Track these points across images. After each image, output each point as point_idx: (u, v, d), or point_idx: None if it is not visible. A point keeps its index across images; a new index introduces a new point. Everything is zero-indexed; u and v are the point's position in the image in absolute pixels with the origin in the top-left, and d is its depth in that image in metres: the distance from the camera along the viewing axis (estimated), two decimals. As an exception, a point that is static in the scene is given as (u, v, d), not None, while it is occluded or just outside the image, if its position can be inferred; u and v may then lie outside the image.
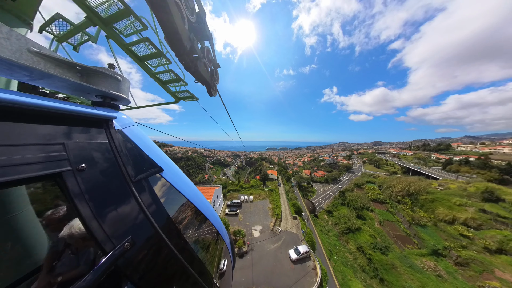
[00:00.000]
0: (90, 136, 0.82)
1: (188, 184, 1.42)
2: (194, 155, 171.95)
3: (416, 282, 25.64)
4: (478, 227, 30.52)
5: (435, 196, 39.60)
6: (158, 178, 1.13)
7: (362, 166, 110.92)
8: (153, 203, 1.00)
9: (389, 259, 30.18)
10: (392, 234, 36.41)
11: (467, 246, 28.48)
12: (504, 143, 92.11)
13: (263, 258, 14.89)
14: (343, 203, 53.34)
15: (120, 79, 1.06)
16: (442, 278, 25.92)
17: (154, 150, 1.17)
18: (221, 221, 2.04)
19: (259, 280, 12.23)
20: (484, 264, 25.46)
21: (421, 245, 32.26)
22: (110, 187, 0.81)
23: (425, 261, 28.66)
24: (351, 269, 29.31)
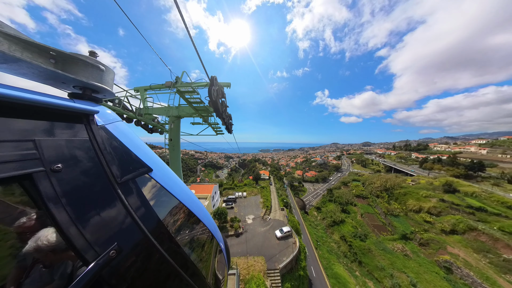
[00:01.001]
0: (67, 133, 0.74)
1: (179, 185, 1.34)
2: (185, 157, 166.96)
3: (386, 261, 30.71)
4: (438, 214, 36.69)
5: (407, 190, 45.96)
6: (147, 178, 1.06)
7: (351, 165, 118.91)
8: (142, 206, 0.93)
9: (367, 244, 35.20)
10: (370, 224, 41.79)
11: (428, 230, 34.35)
12: (471, 143, 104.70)
13: (255, 237, 18.70)
14: (331, 200, 58.55)
15: (104, 69, 1.00)
16: (408, 256, 31.29)
17: (142, 149, 1.09)
18: (214, 223, 1.96)
19: (252, 251, 15.89)
20: (440, 243, 31.23)
21: (393, 232, 37.81)
22: (92, 189, 0.73)
23: (396, 244, 34.03)
24: (335, 256, 33.88)
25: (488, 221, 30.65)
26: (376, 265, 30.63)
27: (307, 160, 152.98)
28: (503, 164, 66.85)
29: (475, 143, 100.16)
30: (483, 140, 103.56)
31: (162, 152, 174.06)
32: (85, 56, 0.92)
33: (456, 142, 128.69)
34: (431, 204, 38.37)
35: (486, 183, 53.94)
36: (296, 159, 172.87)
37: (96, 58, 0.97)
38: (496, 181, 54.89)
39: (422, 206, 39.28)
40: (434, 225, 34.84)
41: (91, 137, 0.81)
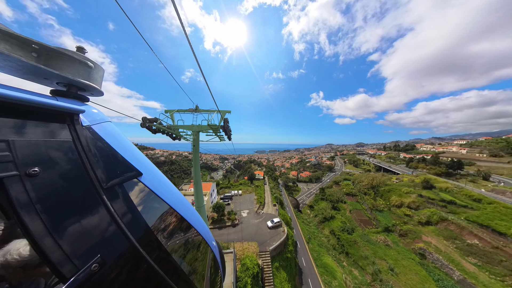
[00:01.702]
0: (47, 133, 0.67)
1: (171, 189, 1.28)
2: (178, 159, 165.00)
3: (370, 251, 34.26)
4: (417, 208, 40.90)
5: (391, 187, 50.27)
6: (136, 183, 0.99)
7: (343, 166, 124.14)
8: (129, 213, 0.86)
9: (353, 237, 38.72)
10: (358, 219, 45.51)
11: (407, 222, 38.37)
12: (453, 144, 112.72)
13: (249, 227, 21.42)
14: (323, 198, 62.13)
15: (92, 66, 0.94)
16: (389, 246, 35.00)
17: (131, 152, 1.04)
18: (208, 229, 1.90)
19: (246, 238, 18.57)
20: (416, 233, 35.19)
21: (377, 225, 41.62)
22: (73, 196, 0.66)
23: (379, 236, 37.74)
24: (325, 249, 37.11)
25: (457, 212, 34.95)
26: (361, 255, 34.10)
27: (302, 161, 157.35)
28: (480, 163, 73.39)
29: (457, 144, 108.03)
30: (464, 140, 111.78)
31: (154, 154, 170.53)
32: (72, 51, 0.89)
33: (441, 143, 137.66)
34: (410, 199, 42.60)
35: (464, 180, 59.56)
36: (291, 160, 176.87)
37: (84, 54, 0.95)
38: (472, 178, 60.65)
39: (403, 201, 43.47)
40: (413, 218, 38.93)
41: (75, 138, 0.75)
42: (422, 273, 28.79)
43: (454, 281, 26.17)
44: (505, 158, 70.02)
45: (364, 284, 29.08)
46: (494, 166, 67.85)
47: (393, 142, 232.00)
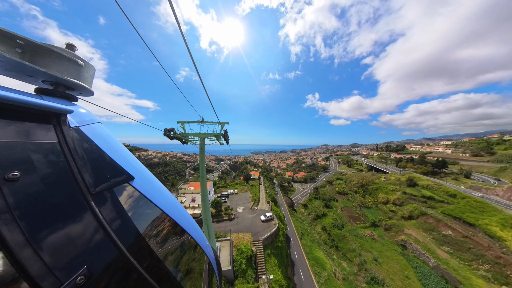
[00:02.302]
0: (30, 134, 0.62)
1: (163, 194, 1.24)
2: (172, 160, 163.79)
3: (357, 244, 37.34)
4: (401, 204, 44.53)
5: (378, 186, 53.98)
6: (127, 188, 0.94)
7: (337, 166, 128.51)
8: (119, 219, 0.80)
9: (343, 232, 41.79)
10: (348, 216, 48.74)
11: (392, 217, 41.84)
12: (440, 144, 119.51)
13: (244, 220, 23.85)
14: (316, 197, 65.23)
15: (82, 64, 0.90)
16: (375, 239, 38.23)
17: (122, 154, 0.99)
18: (203, 234, 1.85)
19: (241, 230, 20.95)
20: (399, 227, 38.61)
21: (365, 221, 44.94)
22: (57, 202, 0.59)
23: (366, 231, 40.98)
24: (317, 244, 39.91)
25: (435, 207, 38.66)
26: (349, 248, 37.12)
27: (298, 161, 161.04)
28: (463, 162, 78.93)
29: (443, 144, 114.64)
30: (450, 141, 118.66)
31: (147, 155, 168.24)
32: (60, 48, 0.84)
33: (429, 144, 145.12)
34: (395, 196, 46.26)
35: (448, 178, 64.35)
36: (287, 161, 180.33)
37: (74, 51, 0.91)
38: (455, 176, 65.60)
39: (389, 198, 47.10)
40: (397, 213, 42.46)
41: (61, 140, 0.69)
42: (403, 262, 32.05)
43: (429, 267, 29.50)
44: (485, 158, 75.75)
45: (351, 274, 31.99)
46: (475, 165, 73.30)
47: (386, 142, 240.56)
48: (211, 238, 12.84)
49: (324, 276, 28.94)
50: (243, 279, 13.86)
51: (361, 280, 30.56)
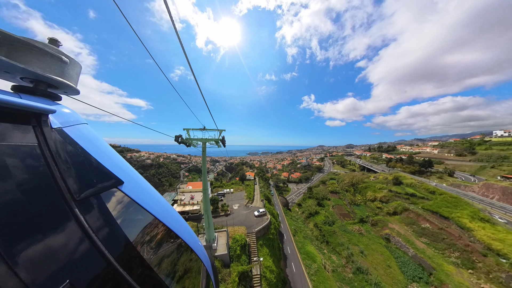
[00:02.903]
0: (5, 136, 0.57)
1: (155, 198, 1.19)
2: (166, 162, 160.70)
3: (346, 239, 40.40)
4: (387, 201, 48.13)
5: (367, 184, 57.64)
6: (115, 193, 0.88)
7: (332, 166, 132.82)
8: (106, 227, 0.74)
9: (333, 228, 44.83)
10: (338, 213, 51.95)
11: (378, 213, 45.29)
12: (428, 145, 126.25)
13: (239, 216, 26.25)
14: (310, 197, 68.27)
15: (67, 61, 0.85)
16: (362, 234, 41.42)
17: (110, 157, 0.94)
18: (198, 239, 1.78)
19: (237, 224, 23.30)
20: (385, 222, 42.01)
21: (354, 217, 48.23)
22: (36, 211, 0.53)
23: (354, 226, 44.18)
24: (309, 240, 42.72)
25: (416, 203, 42.36)
26: (338, 242, 40.12)
27: (293, 162, 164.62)
28: (448, 161, 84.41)
29: (431, 145, 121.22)
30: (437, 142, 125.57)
31: (139, 156, 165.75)
32: (43, 43, 0.79)
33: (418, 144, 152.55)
34: (382, 194, 49.89)
35: (433, 176, 69.06)
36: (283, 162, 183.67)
37: (58, 47, 0.86)
38: (440, 174, 70.44)
39: (376, 196, 50.69)
40: (383, 209, 45.97)
41: (41, 142, 0.64)
42: (386, 253, 35.28)
43: (409, 256, 32.81)
44: (468, 157, 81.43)
45: (340, 266, 34.91)
46: (459, 164, 78.75)
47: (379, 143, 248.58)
48: (210, 227, 15.23)
49: (314, 268, 31.69)
50: (238, 263, 16.25)
51: (348, 271, 33.51)
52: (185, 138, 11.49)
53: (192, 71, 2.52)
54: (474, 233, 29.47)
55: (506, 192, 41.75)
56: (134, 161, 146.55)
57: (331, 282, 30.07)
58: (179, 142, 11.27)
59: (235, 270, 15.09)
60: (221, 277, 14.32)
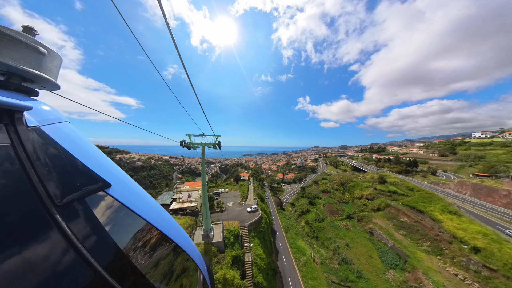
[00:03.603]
0: None
1: (147, 202, 1.13)
2: (158, 164, 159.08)
3: (333, 234, 43.99)
4: (372, 198, 52.34)
5: (355, 183, 61.91)
6: (102, 197, 0.80)
7: (325, 167, 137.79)
8: (93, 234, 0.66)
9: (322, 225, 48.37)
10: (328, 211, 55.69)
11: (364, 210, 49.33)
12: (415, 146, 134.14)
13: (233, 212, 29.04)
14: (303, 196, 71.81)
15: (45, 53, 0.78)
16: (349, 229, 45.18)
17: (96, 158, 0.86)
18: (193, 243, 1.72)
19: (231, 218, 26.10)
20: (369, 217, 46.00)
21: (342, 214, 52.08)
22: (11, 220, 0.46)
23: (342, 222, 47.94)
24: (300, 236, 45.96)
25: (397, 199, 46.69)
26: (326, 237, 43.64)
27: (288, 163, 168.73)
28: (432, 161, 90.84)
29: (417, 146, 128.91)
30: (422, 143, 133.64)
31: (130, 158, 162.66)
32: (15, 31, 0.70)
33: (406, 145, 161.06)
34: (368, 192, 54.13)
35: (418, 175, 74.61)
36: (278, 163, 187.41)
37: (34, 36, 0.78)
38: (424, 173, 76.12)
39: (363, 194, 54.89)
40: (368, 206, 50.08)
41: (15, 142, 0.56)
42: (369, 246, 39.08)
43: (388, 247, 36.70)
44: (449, 157, 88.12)
45: (327, 258, 38.31)
46: (441, 163, 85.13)
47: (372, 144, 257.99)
48: (207, 218, 17.98)
49: (303, 260, 34.89)
50: (231, 249, 19.02)
51: (335, 263, 36.95)
52: (188, 142, 14.32)
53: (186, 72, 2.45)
54: (443, 224, 33.71)
55: (476, 188, 46.95)
56: (124, 163, 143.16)
57: (318, 272, 33.32)
58: (183, 145, 14.08)
59: (229, 254, 17.88)
60: (217, 260, 17.03)
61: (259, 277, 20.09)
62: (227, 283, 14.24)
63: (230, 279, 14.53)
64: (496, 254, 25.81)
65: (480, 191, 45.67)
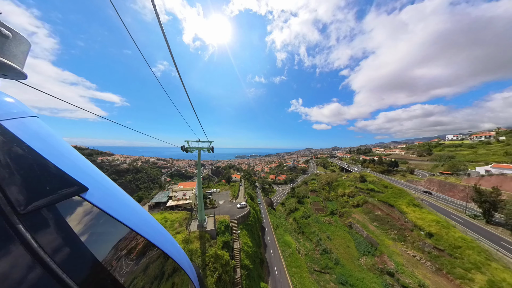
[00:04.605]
0: None
1: (131, 206, 1.04)
2: (145, 166, 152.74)
3: (317, 228, 49.17)
4: (353, 196, 58.46)
5: (340, 182, 68.08)
6: (78, 202, 0.67)
7: (316, 168, 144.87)
8: (66, 246, 0.55)
9: (308, 221, 53.50)
10: (314, 208, 61.07)
11: (345, 206, 55.18)
12: (397, 147, 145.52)
13: (224, 208, 33.05)
14: (292, 196, 76.96)
15: (8, 35, 0.70)
16: (331, 224, 50.64)
17: (71, 159, 0.74)
18: (183, 252, 1.65)
19: (222, 213, 30.16)
20: (349, 213, 51.78)
21: (327, 211, 57.64)
22: None
23: (326, 218, 53.38)
24: (288, 232, 50.68)
25: (374, 196, 52.95)
26: (311, 231, 48.70)
27: (280, 165, 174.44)
28: (411, 161, 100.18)
29: (399, 147, 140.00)
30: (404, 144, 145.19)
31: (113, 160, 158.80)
32: None
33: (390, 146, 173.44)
34: (350, 190, 60.28)
35: (398, 174, 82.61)
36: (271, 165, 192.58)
37: None
38: (403, 172, 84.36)
39: (345, 192, 60.95)
40: (349, 203, 56.03)
41: None
42: (348, 237, 44.56)
43: (363, 238, 42.33)
44: (426, 158, 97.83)
45: (311, 250, 43.25)
46: (419, 163, 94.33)
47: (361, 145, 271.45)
48: (202, 210, 21.93)
49: (289, 252, 39.54)
50: (222, 236, 23.07)
51: (317, 253, 41.94)
52: (186, 147, 18.38)
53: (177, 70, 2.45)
54: (407, 216, 39.87)
55: (441, 184, 54.51)
56: (107, 166, 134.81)
57: (302, 261, 38.08)
58: (183, 149, 18.12)
59: (220, 240, 21.95)
60: (210, 244, 20.95)
61: (246, 261, 24.33)
62: (218, 258, 18.32)
63: (220, 255, 18.63)
64: (444, 237, 31.93)
65: (444, 187, 53.21)
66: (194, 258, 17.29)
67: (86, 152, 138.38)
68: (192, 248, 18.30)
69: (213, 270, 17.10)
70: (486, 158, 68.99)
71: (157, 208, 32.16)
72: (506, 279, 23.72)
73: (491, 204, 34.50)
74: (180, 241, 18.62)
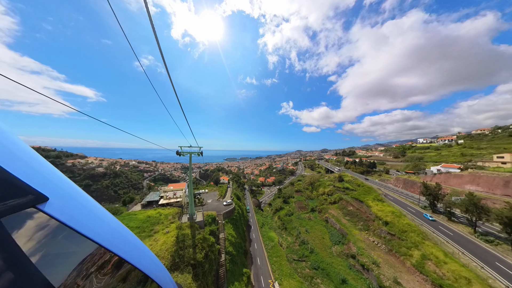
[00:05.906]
0: None
1: (100, 217, 0.90)
2: (124, 170, 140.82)
3: (298, 224, 55.78)
4: (331, 194, 66.23)
5: (321, 182, 75.89)
6: (31, 214, 0.51)
7: (304, 170, 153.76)
8: (8, 269, 0.36)
9: (291, 218, 59.99)
10: (298, 207, 67.89)
11: (324, 203, 62.64)
12: (378, 149, 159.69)
13: (212, 205, 38.31)
14: (279, 196, 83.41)
15: None
16: (311, 219, 57.54)
17: (27, 162, 0.58)
18: (163, 266, 1.56)
19: (210, 210, 35.41)
20: (327, 209, 59.18)
21: (308, 208, 64.69)
22: None
23: (306, 215, 60.29)
24: (273, 229, 56.62)
25: (348, 193, 61.02)
26: (293, 226, 55.16)
27: (270, 167, 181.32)
28: (388, 162, 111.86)
29: (379, 150, 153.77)
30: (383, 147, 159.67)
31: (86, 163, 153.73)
32: None
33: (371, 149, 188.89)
34: (328, 189, 68.09)
35: (375, 174, 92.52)
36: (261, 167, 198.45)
37: None
38: (380, 172, 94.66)
39: (325, 191, 68.67)
40: (327, 200, 63.64)
41: None
42: (324, 230, 51.57)
43: (336, 230, 49.57)
44: (400, 159, 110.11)
45: (292, 243, 49.54)
46: (395, 164, 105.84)
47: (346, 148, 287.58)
48: (192, 205, 27.10)
49: (271, 245, 45.42)
50: (209, 226, 28.40)
51: (296, 245, 48.28)
52: (180, 151, 23.69)
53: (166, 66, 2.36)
54: (372, 209, 47.77)
55: (405, 182, 64.05)
56: (79, 170, 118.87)
57: (282, 252, 44.11)
58: (177, 154, 23.40)
59: (207, 229, 27.26)
60: (198, 232, 26.15)
61: (230, 248, 29.83)
62: (205, 240, 23.68)
63: (208, 238, 24.01)
64: (396, 225, 39.82)
65: (407, 184, 62.75)
66: (186, 240, 22.43)
67: (53, 154, 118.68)
68: (184, 233, 23.44)
69: (201, 248, 22.40)
70: (447, 159, 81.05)
71: (150, 206, 36.40)
72: (433, 252, 31.57)
73: (434, 196, 43.34)
74: (174, 228, 23.69)
